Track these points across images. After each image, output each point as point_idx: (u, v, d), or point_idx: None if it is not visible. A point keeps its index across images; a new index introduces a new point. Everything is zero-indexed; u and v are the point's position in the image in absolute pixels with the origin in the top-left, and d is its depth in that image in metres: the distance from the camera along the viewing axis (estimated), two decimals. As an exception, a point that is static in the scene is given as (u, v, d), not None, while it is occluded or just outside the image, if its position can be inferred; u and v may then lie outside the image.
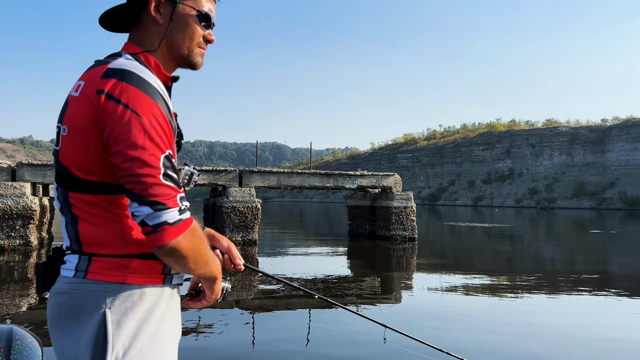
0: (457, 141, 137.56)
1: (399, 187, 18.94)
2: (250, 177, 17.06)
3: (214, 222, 17.68)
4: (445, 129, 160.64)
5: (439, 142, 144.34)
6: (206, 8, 1.23)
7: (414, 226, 18.58)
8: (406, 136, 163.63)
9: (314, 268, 11.68)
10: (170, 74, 1.24)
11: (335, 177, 18.29)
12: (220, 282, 1.27)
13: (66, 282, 1.13)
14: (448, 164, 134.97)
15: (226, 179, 16.80)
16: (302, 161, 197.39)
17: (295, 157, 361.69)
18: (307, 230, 27.84)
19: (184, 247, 1.08)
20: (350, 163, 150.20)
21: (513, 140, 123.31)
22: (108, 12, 1.21)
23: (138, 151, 1.04)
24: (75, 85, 1.14)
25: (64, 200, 1.15)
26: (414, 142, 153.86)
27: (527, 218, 48.53)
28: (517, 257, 15.37)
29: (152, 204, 1.04)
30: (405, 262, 13.17)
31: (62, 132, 1.14)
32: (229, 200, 16.19)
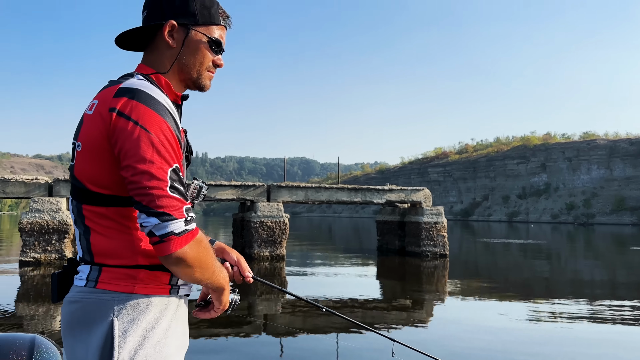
0: (490, 155, 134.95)
1: (429, 201, 18.50)
2: (278, 192, 17.00)
3: (242, 236, 17.66)
4: (477, 142, 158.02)
5: (472, 156, 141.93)
6: (217, 35, 1.31)
7: (445, 242, 18.06)
8: (437, 150, 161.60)
9: (342, 284, 11.41)
10: (180, 94, 1.30)
11: (363, 191, 18.03)
12: (228, 293, 1.31)
13: (78, 292, 1.19)
14: (481, 178, 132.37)
15: (254, 193, 16.78)
16: (331, 176, 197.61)
17: (324, 171, 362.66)
18: (336, 245, 27.55)
19: (189, 256, 1.13)
20: (380, 177, 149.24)
21: (549, 154, 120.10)
22: (124, 33, 1.29)
23: (147, 165, 1.10)
24: (90, 104, 1.21)
25: (78, 213, 1.21)
26: (445, 156, 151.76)
27: (564, 234, 46.84)
28: (555, 275, 14.67)
29: (159, 215, 1.09)
30: (436, 279, 12.74)
31: (77, 149, 1.21)
32: (257, 215, 16.13)
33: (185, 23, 1.27)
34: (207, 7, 1.29)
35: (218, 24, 1.32)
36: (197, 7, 1.28)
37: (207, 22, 1.29)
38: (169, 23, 1.26)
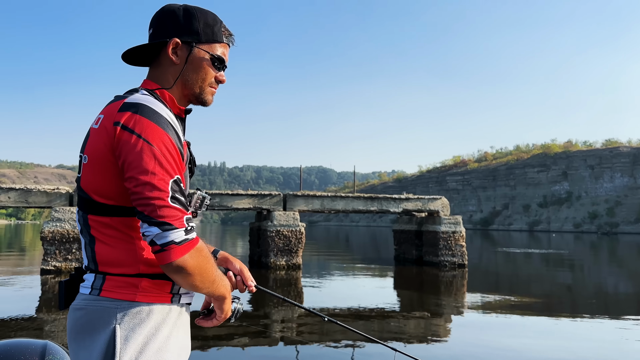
0: (510, 163, 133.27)
1: (446, 210, 18.29)
2: (294, 201, 17.00)
3: (259, 245, 17.69)
4: (497, 150, 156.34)
5: (491, 164, 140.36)
6: (219, 52, 1.36)
7: (464, 252, 17.80)
8: (455, 158, 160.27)
9: (358, 294, 11.30)
10: (183, 107, 1.34)
11: (380, 200, 17.92)
12: (229, 302, 1.34)
13: (83, 299, 1.23)
14: (501, 186, 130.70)
15: (270, 202, 16.82)
16: (348, 185, 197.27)
17: (341, 180, 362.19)
18: (353, 254, 27.39)
19: (190, 264, 1.16)
20: (397, 186, 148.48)
21: (570, 162, 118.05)
22: (131, 50, 1.35)
23: (149, 176, 1.14)
24: (96, 119, 1.26)
25: (84, 223, 1.26)
26: (464, 165, 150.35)
27: (587, 244, 45.80)
28: (578, 287, 14.32)
29: (160, 224, 1.14)
30: (455, 290, 12.54)
31: (84, 161, 1.26)
32: (273, 224, 16.15)
33: (189, 41, 1.32)
34: (210, 26, 1.34)
35: (221, 42, 1.36)
36: (201, 26, 1.33)
37: (210, 40, 1.34)
38: (173, 41, 1.31)
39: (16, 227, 69.30)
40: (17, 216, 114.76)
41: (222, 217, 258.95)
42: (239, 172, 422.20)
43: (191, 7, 1.35)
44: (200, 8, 1.36)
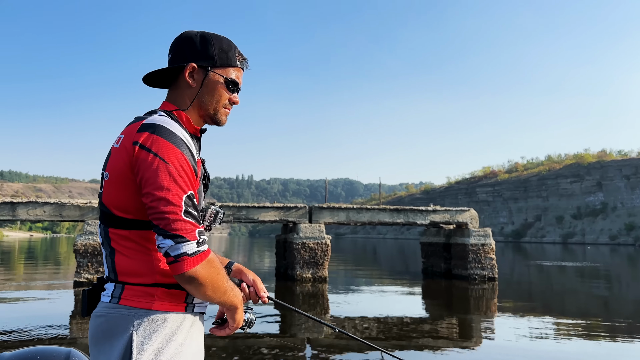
0: (541, 174, 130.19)
1: (475, 222, 17.94)
2: (319, 214, 16.99)
3: (285, 258, 17.70)
4: (528, 161, 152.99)
5: (522, 175, 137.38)
6: (233, 75, 1.45)
7: (494, 265, 17.38)
8: (485, 169, 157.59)
9: (385, 308, 11.14)
10: (199, 127, 1.44)
11: (406, 212, 17.73)
12: (241, 312, 1.41)
13: (103, 307, 1.31)
14: (533, 198, 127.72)
15: (296, 215, 16.84)
16: (375, 197, 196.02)
17: (367, 192, 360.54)
18: (380, 267, 27.10)
19: (201, 275, 1.24)
20: (425, 198, 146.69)
21: (604, 172, 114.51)
22: (151, 73, 1.45)
23: (164, 192, 1.23)
24: (117, 138, 1.36)
25: (105, 235, 1.35)
26: (494, 175, 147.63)
27: (624, 256, 44.10)
28: (615, 302, 13.75)
29: (174, 237, 1.22)
30: (485, 304, 12.22)
31: (105, 178, 1.35)
32: (299, 237, 16.16)
33: (205, 65, 1.42)
34: (225, 51, 1.44)
35: (235, 66, 1.46)
36: (216, 51, 1.43)
37: (225, 65, 1.44)
38: (190, 65, 1.41)
39: (51, 240, 71.45)
40: (52, 229, 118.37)
41: (249, 230, 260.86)
42: (266, 185, 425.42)
43: (207, 34, 1.45)
44: (216, 34, 1.45)
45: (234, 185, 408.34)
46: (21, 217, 15.39)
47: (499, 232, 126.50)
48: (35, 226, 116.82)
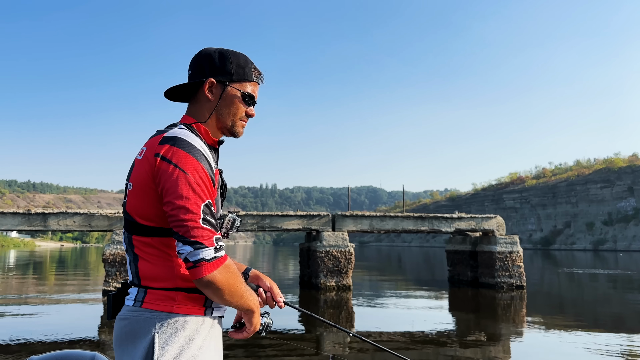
0: (570, 179, 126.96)
1: (502, 230, 17.61)
2: (342, 222, 16.94)
3: (308, 266, 17.68)
4: (556, 166, 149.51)
5: (550, 181, 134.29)
6: (249, 90, 1.54)
7: (522, 273, 17.00)
8: (512, 175, 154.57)
9: (411, 317, 11.01)
10: (217, 139, 1.53)
11: (430, 220, 17.52)
12: (258, 316, 1.48)
13: (127, 310, 1.40)
14: (562, 204, 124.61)
15: (319, 223, 16.84)
16: (399, 204, 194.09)
17: (391, 200, 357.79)
18: (405, 276, 26.80)
19: (218, 280, 1.31)
20: (450, 205, 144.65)
21: (636, 177, 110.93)
22: (172, 88, 1.54)
23: (183, 201, 1.31)
24: (140, 151, 1.45)
25: (129, 242, 1.43)
26: (522, 182, 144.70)
27: (660, 264, 42.50)
28: (650, 310, 13.24)
29: (193, 243, 1.29)
30: (513, 313, 11.95)
31: (129, 188, 1.44)
32: (322, 245, 16.14)
33: (223, 80, 1.51)
34: (241, 67, 1.52)
35: (251, 81, 1.54)
36: (233, 67, 1.51)
37: (241, 79, 1.52)
38: (208, 80, 1.50)
39: (81, 250, 73.12)
40: (82, 239, 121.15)
41: (274, 238, 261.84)
42: (289, 194, 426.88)
43: (225, 51, 1.53)
44: (234, 51, 1.54)
45: (258, 194, 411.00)
46: (52, 227, 15.81)
47: (527, 240, 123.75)
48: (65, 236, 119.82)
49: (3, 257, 46.11)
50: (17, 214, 15.69)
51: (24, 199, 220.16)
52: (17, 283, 19.72)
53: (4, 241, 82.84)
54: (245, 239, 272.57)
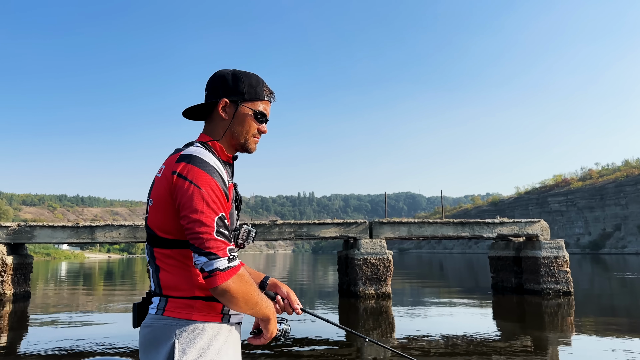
0: (619, 180, 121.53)
1: (546, 234, 17.01)
2: (380, 229, 16.81)
3: (347, 274, 17.62)
4: (602, 167, 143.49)
5: (597, 182, 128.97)
6: (261, 108, 1.64)
7: (569, 278, 16.35)
8: (557, 177, 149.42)
9: (455, 324, 10.77)
10: (231, 155, 1.64)
11: (471, 225, 17.13)
12: (274, 323, 1.55)
13: (150, 318, 1.50)
14: (610, 206, 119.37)
15: (356, 231, 16.77)
16: (438, 210, 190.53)
17: (430, 205, 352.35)
18: (447, 283, 26.25)
19: (233, 288, 1.40)
20: (493, 210, 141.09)
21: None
22: (190, 108, 1.66)
23: (198, 214, 1.40)
24: (159, 169, 1.56)
25: (151, 255, 1.53)
26: (567, 184, 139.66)
27: None
28: None
29: (208, 254, 1.39)
30: (561, 320, 11.49)
31: (149, 204, 1.55)
32: (360, 252, 16.05)
33: (236, 100, 1.61)
34: (253, 87, 1.63)
35: (262, 100, 1.64)
36: (245, 87, 1.62)
37: (253, 99, 1.62)
38: (222, 100, 1.60)
39: (127, 261, 75.58)
40: (128, 250, 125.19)
41: (312, 246, 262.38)
42: (327, 202, 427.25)
43: (238, 72, 1.64)
44: (246, 72, 1.65)
45: (295, 202, 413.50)
46: (99, 239, 16.43)
47: (574, 244, 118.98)
48: (112, 248, 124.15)
49: (55, 268, 48.23)
50: (67, 228, 16.40)
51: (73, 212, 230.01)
52: (68, 294, 20.57)
53: (55, 253, 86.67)
54: (285, 248, 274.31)
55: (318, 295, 18.48)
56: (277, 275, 32.70)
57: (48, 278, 32.01)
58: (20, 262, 17.31)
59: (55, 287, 24.42)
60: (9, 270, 16.63)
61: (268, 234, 16.73)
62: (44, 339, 9.44)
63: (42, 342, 9.02)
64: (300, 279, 28.99)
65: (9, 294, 16.51)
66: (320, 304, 15.06)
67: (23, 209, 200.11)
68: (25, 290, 17.52)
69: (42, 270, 42.84)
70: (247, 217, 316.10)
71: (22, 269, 17.52)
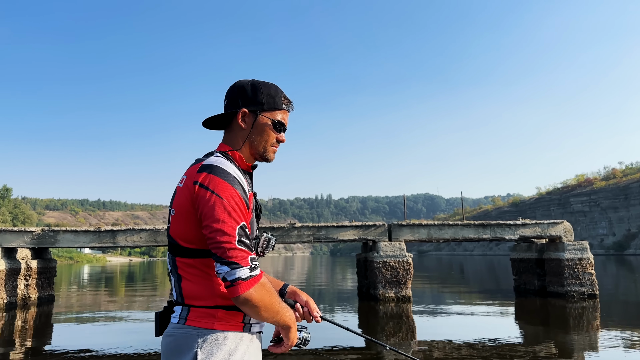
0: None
1: (570, 235, 16.67)
2: (399, 231, 16.68)
3: (366, 277, 17.53)
4: (626, 166, 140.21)
5: (621, 182, 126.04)
6: (279, 117, 1.65)
7: (594, 280, 15.99)
8: (579, 177, 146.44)
9: (477, 328, 10.62)
10: (250, 164, 1.66)
11: (492, 227, 16.88)
12: (294, 331, 1.56)
13: (173, 327, 1.51)
14: (635, 206, 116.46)
15: (375, 233, 16.67)
16: (458, 211, 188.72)
17: (449, 207, 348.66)
18: (468, 286, 25.92)
19: (254, 297, 1.41)
20: (514, 211, 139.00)
21: None
22: (210, 118, 1.67)
23: (220, 224, 1.41)
24: (181, 179, 1.58)
25: (173, 264, 1.54)
26: (590, 184, 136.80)
27: None
28: None
29: (230, 264, 1.40)
30: (586, 323, 11.23)
31: (172, 214, 1.56)
32: (379, 255, 15.95)
33: (254, 110, 1.63)
34: (272, 96, 1.64)
35: (281, 109, 1.66)
36: (264, 97, 1.63)
37: (272, 108, 1.64)
38: (241, 110, 1.62)
39: (148, 264, 76.51)
40: (149, 253, 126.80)
41: (331, 249, 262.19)
42: (344, 204, 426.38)
43: (257, 82, 1.66)
44: (265, 82, 1.67)
45: (313, 205, 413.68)
46: (120, 243, 16.66)
47: (598, 245, 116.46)
48: (133, 251, 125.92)
49: (78, 272, 49.11)
50: (89, 232, 16.66)
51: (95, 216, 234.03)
52: (91, 297, 20.89)
53: (78, 257, 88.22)
54: (303, 250, 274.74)
55: (337, 298, 18.41)
56: (295, 279, 32.74)
57: (71, 281, 32.60)
58: (44, 266, 17.65)
59: (78, 290, 24.84)
60: (33, 274, 16.97)
61: (287, 237, 16.74)
62: (68, 341, 9.59)
63: (66, 345, 9.16)
64: (318, 282, 28.94)
65: (34, 297, 16.84)
66: (339, 308, 14.99)
67: (46, 213, 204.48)
68: (50, 293, 17.85)
69: (65, 274, 43.66)
70: (265, 220, 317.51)
71: (46, 273, 17.86)
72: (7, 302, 15.56)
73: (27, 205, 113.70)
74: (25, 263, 16.62)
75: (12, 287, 15.86)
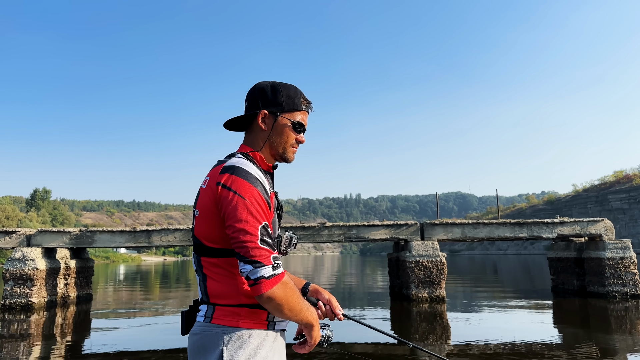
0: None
1: (611, 234, 16.06)
2: (432, 230, 16.42)
3: (399, 277, 17.35)
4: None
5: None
6: (299, 118, 1.69)
7: (637, 280, 15.36)
8: (617, 174, 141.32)
9: (513, 329, 10.33)
10: (271, 164, 1.69)
11: (529, 225, 16.42)
12: (317, 329, 1.58)
13: (198, 326, 1.55)
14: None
15: (407, 232, 16.46)
16: (491, 210, 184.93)
17: (482, 206, 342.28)
18: (503, 286, 25.33)
19: (277, 295, 1.43)
20: (549, 209, 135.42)
21: None
22: (231, 120, 1.71)
23: (242, 224, 1.45)
24: (204, 180, 1.62)
25: (198, 263, 1.58)
26: (629, 180, 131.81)
27: None
28: None
29: (253, 262, 1.43)
30: (629, 325, 10.77)
31: (196, 214, 1.60)
32: (411, 255, 15.74)
33: (274, 111, 1.66)
34: (291, 98, 1.67)
35: (300, 110, 1.69)
36: (284, 99, 1.66)
37: (291, 109, 1.67)
38: (262, 112, 1.65)
39: (182, 263, 77.96)
40: (182, 253, 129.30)
41: (360, 248, 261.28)
42: (374, 203, 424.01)
43: (277, 84, 1.68)
44: (284, 84, 1.69)
45: (342, 204, 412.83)
46: (155, 243, 16.99)
47: (638, 243, 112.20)
48: (168, 251, 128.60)
49: (114, 271, 50.48)
50: (125, 232, 17.06)
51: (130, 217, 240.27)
52: (127, 296, 21.41)
53: (114, 257, 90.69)
54: (333, 250, 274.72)
55: (368, 298, 18.28)
56: (325, 278, 32.73)
57: (107, 280, 33.52)
58: (82, 266, 18.19)
59: (115, 289, 25.50)
60: (72, 273, 17.51)
61: (317, 237, 16.72)
62: (106, 339, 9.83)
63: (104, 343, 9.39)
64: (349, 282, 28.83)
65: (73, 296, 17.37)
66: (371, 308, 14.87)
67: (83, 214, 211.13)
68: (88, 292, 18.39)
69: (102, 273, 44.95)
70: (295, 219, 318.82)
71: (84, 272, 18.40)
72: (48, 301, 16.09)
73: (65, 207, 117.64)
74: (64, 262, 17.16)
75: (52, 286, 16.39)
